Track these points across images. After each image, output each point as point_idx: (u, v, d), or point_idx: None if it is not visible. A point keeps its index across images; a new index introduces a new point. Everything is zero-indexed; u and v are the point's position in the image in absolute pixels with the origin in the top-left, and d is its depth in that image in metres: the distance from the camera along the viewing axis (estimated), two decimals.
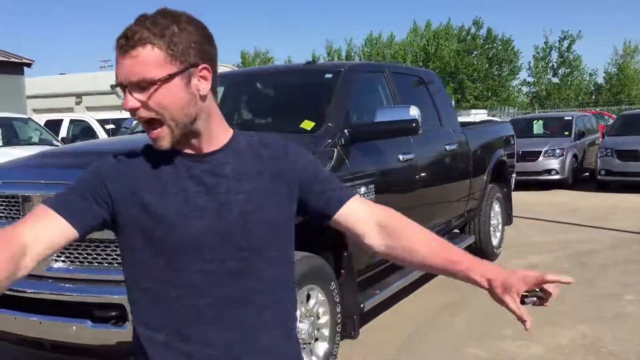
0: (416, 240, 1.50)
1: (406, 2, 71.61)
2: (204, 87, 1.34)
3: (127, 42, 1.27)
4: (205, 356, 1.34)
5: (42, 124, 10.71)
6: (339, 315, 3.73)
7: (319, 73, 4.58)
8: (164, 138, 1.33)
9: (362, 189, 3.94)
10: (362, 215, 1.51)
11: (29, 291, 3.12)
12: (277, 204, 1.44)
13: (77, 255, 3.06)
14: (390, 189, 4.37)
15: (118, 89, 1.32)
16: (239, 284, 1.36)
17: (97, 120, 12.53)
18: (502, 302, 1.42)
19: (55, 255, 3.09)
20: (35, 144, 9.15)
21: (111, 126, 11.52)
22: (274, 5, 78.86)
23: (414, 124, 3.95)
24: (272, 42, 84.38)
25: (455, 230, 6.33)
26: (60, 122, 12.88)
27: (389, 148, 4.39)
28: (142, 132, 4.53)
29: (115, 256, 2.99)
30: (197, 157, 1.39)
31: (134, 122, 4.97)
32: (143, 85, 1.28)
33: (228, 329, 1.35)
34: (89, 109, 27.04)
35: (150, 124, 1.32)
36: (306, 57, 46.72)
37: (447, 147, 5.41)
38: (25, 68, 16.82)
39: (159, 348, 1.35)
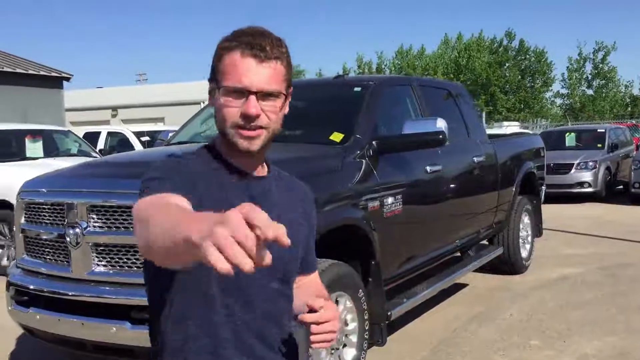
0: None
1: (437, 15, 71.59)
2: (286, 109, 1.46)
3: (264, 53, 1.36)
4: None
5: (81, 136, 11.06)
6: (366, 322, 3.82)
7: (349, 87, 4.71)
8: (260, 140, 1.40)
9: (390, 200, 4.04)
10: (310, 291, 1.60)
11: (70, 294, 3.31)
12: (304, 238, 1.58)
13: (117, 259, 3.22)
14: (417, 200, 4.45)
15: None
16: (277, 304, 1.47)
17: (133, 132, 12.86)
18: None
19: (97, 260, 3.26)
20: (74, 155, 9.44)
21: (146, 138, 11.81)
22: (305, 19, 79.59)
23: (440, 136, 4.04)
24: (303, 56, 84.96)
25: (484, 242, 6.37)
26: (98, 134, 13.27)
27: (417, 159, 4.48)
28: (178, 144, 4.72)
29: None
30: (253, 178, 1.47)
31: (170, 135, 5.15)
32: (273, 95, 1.38)
33: (267, 343, 1.44)
34: (124, 121, 27.73)
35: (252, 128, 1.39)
36: (337, 70, 46.93)
37: (475, 159, 5.47)
38: (64, 82, 17.34)
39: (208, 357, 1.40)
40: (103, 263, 3.26)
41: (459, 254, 5.75)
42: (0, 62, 16.10)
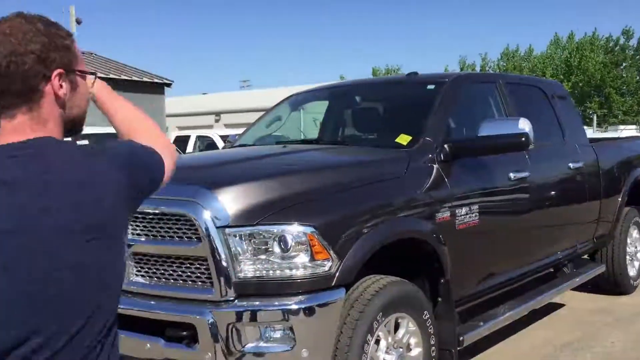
0: None
1: (547, 13, 68.37)
2: None
3: None
4: None
5: (172, 140, 11.25)
6: (433, 347, 3.39)
7: (422, 84, 4.29)
8: None
9: (464, 210, 3.59)
10: None
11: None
12: None
13: (155, 270, 3.02)
14: (498, 210, 3.97)
15: None
16: None
17: (220, 136, 12.97)
18: None
19: (136, 269, 3.07)
20: None
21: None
22: (407, 21, 78.74)
23: (523, 139, 3.54)
24: (404, 57, 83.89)
25: (585, 257, 5.69)
26: (188, 138, 13.49)
27: (498, 165, 3.99)
28: (241, 146, 4.52)
29: (189, 273, 2.91)
30: None
31: (236, 136, 4.98)
32: None
33: None
34: (227, 126, 28.49)
35: None
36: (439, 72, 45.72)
37: (571, 165, 4.86)
38: (165, 88, 17.96)
39: None
40: (142, 273, 3.06)
41: (552, 270, 5.13)
42: (107, 69, 16.91)
